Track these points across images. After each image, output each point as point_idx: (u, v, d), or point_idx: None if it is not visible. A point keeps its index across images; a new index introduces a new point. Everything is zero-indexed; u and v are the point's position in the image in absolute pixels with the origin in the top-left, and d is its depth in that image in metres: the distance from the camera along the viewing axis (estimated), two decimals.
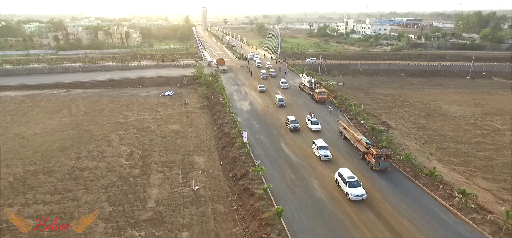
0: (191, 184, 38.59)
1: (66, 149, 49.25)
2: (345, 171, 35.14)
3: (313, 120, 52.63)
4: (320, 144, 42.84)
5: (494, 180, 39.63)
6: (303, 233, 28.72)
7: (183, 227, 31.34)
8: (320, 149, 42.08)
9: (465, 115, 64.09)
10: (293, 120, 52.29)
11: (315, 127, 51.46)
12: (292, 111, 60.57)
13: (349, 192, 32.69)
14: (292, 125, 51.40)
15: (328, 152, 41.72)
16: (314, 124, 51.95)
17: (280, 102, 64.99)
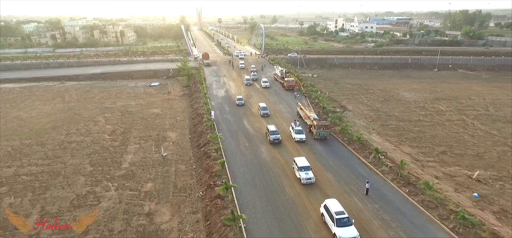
0: (161, 151, 45.82)
1: (57, 128, 56.43)
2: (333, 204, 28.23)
3: (297, 129, 46.37)
4: (302, 164, 35.14)
5: (417, 147, 46.86)
6: (242, 179, 36.00)
7: (148, 180, 38.56)
8: (301, 170, 34.52)
9: (417, 100, 71.31)
10: (273, 131, 45.71)
11: (299, 137, 45.30)
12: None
13: None
14: (272, 137, 44.72)
15: (311, 173, 34.35)
16: (299, 133, 45.73)
17: (264, 111, 56.80)
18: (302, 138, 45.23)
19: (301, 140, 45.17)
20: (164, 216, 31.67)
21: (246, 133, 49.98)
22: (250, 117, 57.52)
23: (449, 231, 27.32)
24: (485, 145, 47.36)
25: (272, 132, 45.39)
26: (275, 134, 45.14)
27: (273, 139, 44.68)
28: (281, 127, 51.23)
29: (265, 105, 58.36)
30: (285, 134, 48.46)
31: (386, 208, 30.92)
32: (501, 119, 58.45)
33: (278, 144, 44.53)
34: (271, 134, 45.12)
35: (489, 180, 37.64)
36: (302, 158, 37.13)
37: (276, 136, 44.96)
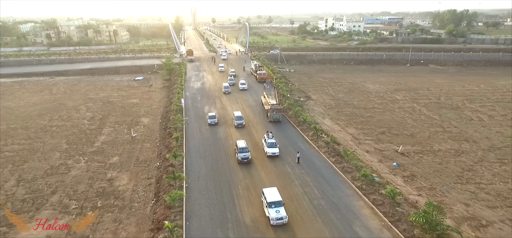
0: (131, 132, 51.26)
1: (42, 115, 61.84)
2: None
3: (270, 142, 40.01)
4: (272, 198, 27.60)
5: (361, 129, 52.31)
6: (195, 151, 41.52)
7: (115, 155, 43.99)
8: (271, 206, 27.13)
9: (379, 90, 76.75)
10: (242, 147, 38.43)
11: (272, 151, 39.00)
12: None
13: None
14: (241, 155, 37.65)
15: (283, 211, 26.96)
16: (271, 147, 39.43)
17: (238, 121, 49.86)
18: (275, 153, 38.69)
19: (274, 155, 38.67)
20: (122, 181, 37.11)
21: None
22: (218, 105, 62.98)
23: (354, 188, 32.77)
24: (422, 127, 52.82)
25: (241, 149, 37.82)
26: (244, 152, 37.73)
27: (242, 157, 37.22)
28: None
29: (240, 114, 51.34)
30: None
31: (310, 172, 36.40)
32: (447, 106, 63.90)
33: (247, 162, 37.63)
34: (239, 152, 37.61)
35: (411, 154, 43.11)
36: (273, 189, 29.14)
37: (245, 154, 37.56)
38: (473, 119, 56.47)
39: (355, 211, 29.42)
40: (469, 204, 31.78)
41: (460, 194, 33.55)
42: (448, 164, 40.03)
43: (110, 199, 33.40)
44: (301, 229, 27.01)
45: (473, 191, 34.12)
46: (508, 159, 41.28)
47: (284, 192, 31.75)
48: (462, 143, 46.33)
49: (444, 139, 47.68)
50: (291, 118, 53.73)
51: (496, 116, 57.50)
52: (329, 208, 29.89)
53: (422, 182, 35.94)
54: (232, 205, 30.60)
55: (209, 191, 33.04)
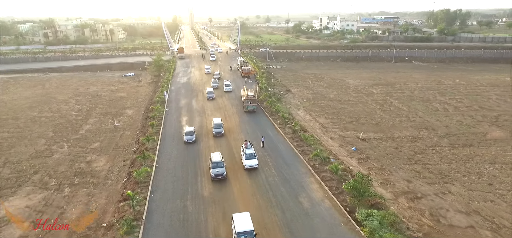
0: (114, 121, 54.53)
1: (32, 107, 65.13)
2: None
3: (248, 152, 35.82)
4: (242, 228, 23.83)
5: (330, 119, 55.48)
6: (170, 136, 44.80)
7: (97, 141, 47.22)
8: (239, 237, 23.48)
9: (358, 85, 79.92)
10: (217, 161, 33.72)
11: (249, 163, 34.91)
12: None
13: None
14: (215, 171, 32.93)
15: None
16: (249, 158, 35.28)
17: (217, 130, 45.33)
18: (253, 165, 34.69)
19: (252, 167, 34.70)
20: (100, 163, 40.37)
21: (190, 108, 58.80)
22: (199, 97, 66.26)
23: (308, 167, 36.01)
24: (389, 117, 55.98)
25: (214, 164, 33.21)
26: (219, 167, 32.92)
27: (215, 174, 32.59)
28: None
29: (220, 121, 46.64)
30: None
31: (272, 154, 39.67)
32: (418, 99, 67.05)
33: (222, 179, 33.01)
34: (213, 166, 33.04)
35: (371, 140, 46.28)
36: (245, 215, 25.26)
37: (219, 170, 32.78)
38: (439, 110, 59.62)
39: (304, 185, 32.65)
40: (411, 181, 34.97)
41: (406, 173, 36.73)
42: (403, 149, 43.22)
43: (87, 178, 36.65)
44: (252, 199, 30.24)
45: (418, 170, 37.30)
46: (459, 144, 44.45)
47: (244, 172, 35.02)
48: (421, 130, 49.52)
49: (406, 127, 50.87)
50: (266, 108, 56.94)
51: (461, 107, 60.64)
52: (281, 183, 33.13)
53: (374, 163, 39.14)
54: (194, 180, 33.89)
55: (176, 170, 36.30)
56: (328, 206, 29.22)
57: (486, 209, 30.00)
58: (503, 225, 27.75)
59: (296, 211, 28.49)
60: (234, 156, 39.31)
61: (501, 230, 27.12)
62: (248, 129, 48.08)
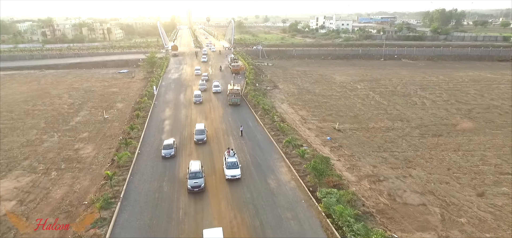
0: (103, 113, 56.89)
1: (26, 101, 67.46)
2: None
3: (231, 161, 32.92)
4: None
5: (311, 112, 57.83)
6: (155, 126, 47.18)
7: (86, 131, 49.57)
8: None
9: (344, 81, 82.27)
10: (195, 171, 30.97)
11: (231, 174, 31.96)
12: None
13: None
14: (192, 182, 30.12)
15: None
16: (231, 168, 32.37)
17: (199, 136, 41.45)
18: (235, 176, 31.70)
19: (234, 178, 31.75)
20: (87, 150, 42.73)
21: (177, 102, 61.18)
22: (188, 92, 68.61)
23: (281, 153, 38.35)
24: (367, 110, 58.33)
25: (192, 174, 30.67)
26: (196, 178, 30.39)
27: (192, 186, 29.96)
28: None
29: (203, 127, 42.62)
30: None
31: (249, 142, 42.03)
32: (399, 94, 69.40)
33: (200, 192, 30.27)
34: (190, 176, 30.55)
35: (347, 130, 48.64)
36: (217, 230, 23.45)
37: (197, 181, 30.15)
38: (417, 103, 61.99)
39: (274, 169, 35.01)
40: (376, 166, 37.32)
41: (373, 159, 39.09)
42: (375, 138, 45.57)
43: (73, 163, 39.02)
44: (223, 181, 32.60)
45: (385, 157, 39.66)
46: (429, 134, 46.82)
47: (221, 155, 37.40)
48: (396, 122, 51.88)
49: (382, 119, 53.24)
50: (250, 102, 59.27)
51: (438, 102, 62.99)
52: (253, 166, 35.52)
53: (345, 151, 41.49)
54: (173, 164, 36.26)
55: (157, 156, 38.64)
56: (293, 186, 31.57)
57: (440, 189, 32.35)
58: (452, 203, 30.10)
59: (262, 191, 30.84)
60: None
61: (449, 207, 29.47)
62: (230, 120, 50.42)
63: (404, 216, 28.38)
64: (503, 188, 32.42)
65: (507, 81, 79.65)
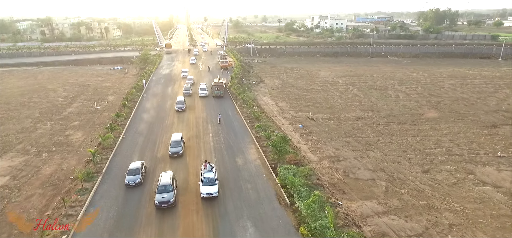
0: (94, 105, 60.57)
1: (23, 95, 71.14)
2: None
3: (206, 177, 29.34)
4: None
5: (290, 103, 61.45)
6: (140, 114, 50.82)
7: (77, 120, 53.24)
8: None
9: (327, 76, 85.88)
10: (165, 184, 28.00)
11: (207, 192, 28.21)
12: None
13: None
14: (159, 198, 27.21)
15: None
16: (208, 184, 28.69)
17: (174, 149, 36.80)
18: (211, 194, 28.07)
19: (210, 196, 28.05)
20: (76, 136, 46.39)
21: (164, 94, 64.87)
22: (176, 86, 72.28)
23: (253, 137, 41.98)
24: (343, 102, 61.94)
25: (161, 187, 27.77)
26: (166, 192, 27.40)
27: (159, 202, 26.98)
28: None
29: (179, 138, 38.21)
30: None
31: (225, 128, 45.68)
32: (377, 87, 72.99)
33: (167, 207, 27.20)
34: (158, 190, 27.69)
35: (319, 119, 52.26)
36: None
37: (165, 196, 27.11)
38: (392, 96, 65.61)
39: (244, 150, 38.66)
40: (339, 149, 40.94)
41: (337, 143, 42.71)
42: (343, 126, 49.20)
43: (63, 147, 42.67)
44: (197, 158, 36.23)
45: (349, 141, 43.28)
46: (394, 122, 50.47)
47: (200, 140, 41.05)
48: (367, 112, 55.51)
49: (354, 110, 56.86)
50: (233, 94, 62.91)
51: (412, 95, 66.59)
52: (225, 148, 39.18)
53: (313, 136, 45.11)
54: (153, 146, 39.95)
55: (140, 140, 42.28)
56: (258, 164, 35.22)
57: (391, 167, 35.99)
58: (398, 178, 33.74)
59: (230, 167, 34.50)
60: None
61: (395, 181, 33.10)
62: (212, 109, 54.05)
63: (353, 188, 32.00)
64: (447, 166, 36.04)
65: (482, 76, 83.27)
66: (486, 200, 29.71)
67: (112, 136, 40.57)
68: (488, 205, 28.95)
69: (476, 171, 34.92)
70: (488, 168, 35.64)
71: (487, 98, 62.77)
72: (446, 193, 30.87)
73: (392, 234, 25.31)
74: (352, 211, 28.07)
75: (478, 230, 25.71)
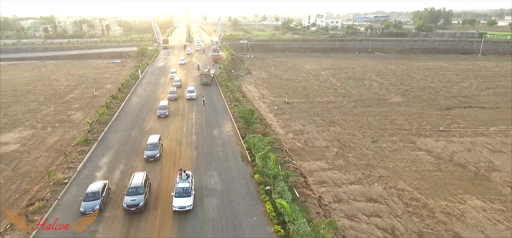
0: (93, 91, 66.75)
1: (28, 83, 77.44)
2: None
3: (181, 187, 26.42)
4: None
5: (272, 91, 67.41)
6: (136, 98, 56.92)
7: (78, 103, 59.43)
8: None
9: (311, 69, 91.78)
10: (136, 187, 26.17)
11: (180, 204, 25.33)
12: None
13: None
14: (128, 200, 25.45)
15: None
16: (181, 196, 25.83)
17: (150, 152, 33.97)
18: (184, 207, 25.19)
19: (183, 209, 25.16)
20: (77, 115, 52.55)
21: (157, 83, 71.02)
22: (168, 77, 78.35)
23: (231, 116, 47.96)
24: (320, 90, 67.84)
25: (132, 189, 26.21)
26: (136, 194, 25.85)
27: (128, 205, 25.41)
28: None
29: (156, 141, 35.51)
30: None
31: (208, 109, 51.69)
32: (355, 78, 78.84)
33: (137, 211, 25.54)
34: (128, 192, 26.16)
35: (295, 103, 58.19)
36: None
37: (134, 199, 25.52)
38: (366, 85, 71.46)
39: (221, 125, 44.65)
40: (305, 125, 46.89)
41: (305, 121, 48.64)
42: (314, 108, 55.12)
43: (65, 123, 48.84)
44: (181, 130, 42.26)
45: (315, 120, 49.21)
46: (361, 105, 56.35)
47: (184, 118, 47.11)
48: (339, 97, 61.43)
49: (328, 96, 62.80)
50: (220, 82, 68.94)
51: (385, 84, 72.37)
52: (204, 124, 45.19)
53: (285, 116, 51.08)
54: (142, 123, 46.05)
55: (132, 118, 48.37)
56: (231, 134, 41.23)
57: (345, 138, 41.92)
58: (349, 146, 39.67)
59: (206, 136, 40.54)
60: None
61: (345, 148, 39.07)
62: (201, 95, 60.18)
63: (308, 153, 37.99)
64: (394, 138, 41.95)
65: (456, 69, 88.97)
66: (416, 161, 35.65)
67: (108, 113, 46.67)
68: (416, 164, 34.89)
69: (417, 141, 40.83)
70: (428, 139, 41.53)
71: (452, 87, 68.52)
72: (385, 156, 36.81)
73: (330, 183, 31.29)
74: (303, 168, 34.06)
75: (401, 180, 31.64)
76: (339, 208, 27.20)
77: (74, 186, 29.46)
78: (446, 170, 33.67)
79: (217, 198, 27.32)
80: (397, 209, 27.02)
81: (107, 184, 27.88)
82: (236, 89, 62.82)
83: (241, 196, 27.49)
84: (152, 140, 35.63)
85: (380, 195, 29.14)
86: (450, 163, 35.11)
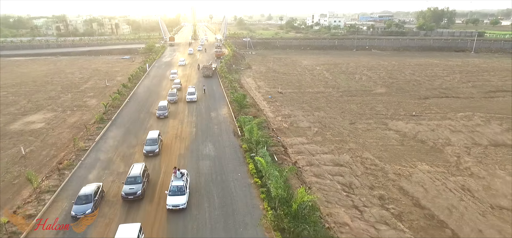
0: (105, 82, 73.47)
1: (46, 76, 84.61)
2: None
3: (175, 185, 26.37)
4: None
5: (268, 83, 73.28)
6: (142, 88, 63.37)
7: (92, 92, 66.13)
8: None
9: (308, 65, 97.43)
10: (134, 176, 27.32)
11: (173, 202, 25.39)
12: None
13: None
14: (126, 189, 26.74)
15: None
16: (176, 194, 25.91)
17: (149, 148, 34.75)
18: (178, 205, 25.19)
19: (176, 208, 25.20)
20: (92, 102, 59.18)
21: (163, 76, 77.46)
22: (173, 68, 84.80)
23: (228, 102, 54.01)
24: (312, 82, 73.55)
25: (130, 178, 27.39)
26: (135, 182, 27.04)
27: (126, 193, 26.59)
28: None
29: (156, 136, 36.11)
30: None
31: (208, 97, 57.87)
32: (347, 73, 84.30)
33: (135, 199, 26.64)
34: (127, 181, 27.25)
35: (287, 93, 64.06)
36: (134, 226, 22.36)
37: (133, 187, 26.69)
38: (355, 79, 76.92)
39: (218, 109, 50.74)
40: (293, 111, 52.75)
41: (293, 107, 54.50)
42: (304, 97, 60.90)
43: (82, 108, 55.49)
44: (179, 115, 48.45)
45: (303, 107, 55.03)
46: (347, 95, 61.97)
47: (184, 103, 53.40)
48: (328, 88, 67.10)
49: (318, 87, 68.50)
50: (220, 74, 75.10)
51: (373, 77, 77.77)
52: (203, 108, 51.33)
53: (277, 103, 57.00)
54: (150, 106, 52.41)
55: (141, 103, 54.78)
56: (226, 116, 47.30)
57: (327, 121, 47.71)
58: (329, 126, 45.45)
59: (204, 117, 46.70)
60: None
61: (325, 128, 44.86)
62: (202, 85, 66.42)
63: (292, 131, 43.90)
64: (370, 121, 47.60)
65: (445, 65, 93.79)
66: (384, 138, 41.34)
67: (120, 99, 53.17)
68: (383, 140, 40.57)
69: (389, 123, 46.45)
70: (400, 122, 47.10)
71: (435, 80, 73.68)
72: (358, 135, 42.54)
73: (306, 153, 37.17)
74: (285, 142, 39.99)
75: (367, 151, 37.38)
76: (310, 170, 33.09)
77: (94, 152, 35.86)
78: (407, 145, 39.30)
79: (210, 160, 33.43)
80: (358, 171, 32.82)
81: (101, 186, 27.22)
82: (235, 80, 68.90)
83: (230, 160, 33.55)
84: (152, 135, 35.97)
85: (347, 162, 34.94)
86: (413, 140, 40.71)
